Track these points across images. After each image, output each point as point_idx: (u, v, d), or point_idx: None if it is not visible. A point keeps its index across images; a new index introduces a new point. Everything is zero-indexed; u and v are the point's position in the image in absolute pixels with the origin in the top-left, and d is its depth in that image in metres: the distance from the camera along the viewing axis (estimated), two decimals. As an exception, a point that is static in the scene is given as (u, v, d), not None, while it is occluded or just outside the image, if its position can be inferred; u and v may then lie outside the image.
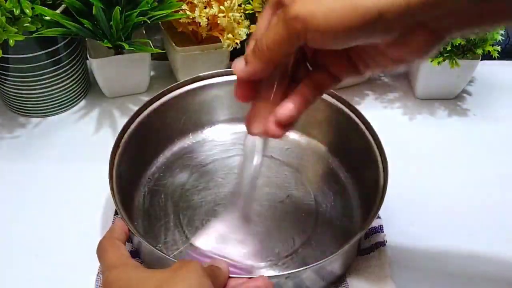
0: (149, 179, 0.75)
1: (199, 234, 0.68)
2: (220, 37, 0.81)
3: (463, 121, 0.88)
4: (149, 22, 0.77)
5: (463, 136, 0.86)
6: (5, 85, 0.82)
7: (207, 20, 0.79)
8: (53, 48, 0.79)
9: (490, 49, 0.81)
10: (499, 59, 0.83)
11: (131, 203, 0.71)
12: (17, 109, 0.85)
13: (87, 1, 0.74)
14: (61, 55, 0.80)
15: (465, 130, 0.87)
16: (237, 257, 0.65)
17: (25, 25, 0.72)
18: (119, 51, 0.83)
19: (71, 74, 0.83)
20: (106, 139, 0.81)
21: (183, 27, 0.83)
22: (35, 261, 0.67)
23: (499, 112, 0.90)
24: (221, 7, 0.79)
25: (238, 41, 0.81)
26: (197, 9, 0.79)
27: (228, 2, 0.78)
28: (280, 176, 0.76)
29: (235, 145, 0.80)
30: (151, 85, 0.90)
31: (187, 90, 0.77)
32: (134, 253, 0.67)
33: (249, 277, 0.56)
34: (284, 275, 0.59)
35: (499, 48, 0.82)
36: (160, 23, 0.86)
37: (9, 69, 0.79)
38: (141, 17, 0.77)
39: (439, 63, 0.81)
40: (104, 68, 0.84)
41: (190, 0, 0.79)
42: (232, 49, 0.82)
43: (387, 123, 0.85)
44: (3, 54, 0.73)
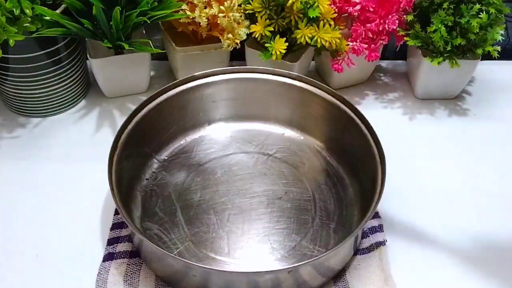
0: (147, 179, 0.75)
1: (199, 232, 0.69)
2: (220, 37, 0.81)
3: (463, 121, 0.88)
4: (149, 22, 0.77)
5: (463, 136, 0.86)
6: (5, 85, 0.82)
7: (207, 20, 0.79)
8: (53, 48, 0.79)
9: (490, 49, 0.81)
10: (499, 59, 0.83)
11: (131, 203, 0.71)
12: (17, 109, 0.85)
13: (87, 1, 0.74)
14: (61, 55, 0.80)
15: (465, 130, 0.87)
16: (236, 254, 0.66)
17: (25, 25, 0.72)
18: (119, 51, 0.83)
19: (71, 74, 0.83)
20: (106, 139, 0.81)
21: (183, 27, 0.83)
22: (35, 261, 0.67)
23: (499, 112, 0.90)
24: (221, 7, 0.79)
25: (238, 41, 0.81)
26: (197, 9, 0.79)
27: (228, 2, 0.78)
28: (278, 173, 0.77)
29: (233, 143, 0.81)
30: (151, 85, 0.90)
31: (183, 89, 0.77)
32: (134, 253, 0.67)
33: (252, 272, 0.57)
34: (283, 270, 0.60)
35: (499, 48, 0.82)
36: (160, 23, 0.86)
37: (9, 69, 0.79)
38: (141, 17, 0.77)
39: (439, 63, 0.81)
40: (104, 68, 0.84)
41: (190, 0, 0.79)
42: (232, 49, 0.82)
43: (387, 123, 0.85)
44: (3, 54, 0.73)
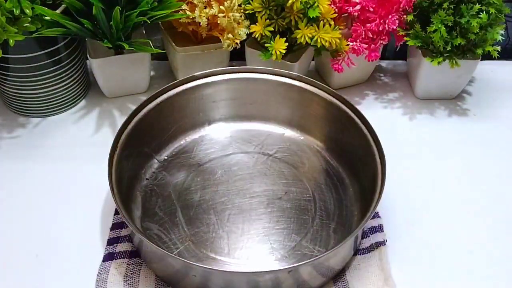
0: (147, 179, 0.75)
1: (199, 232, 0.69)
2: (220, 37, 0.81)
3: (463, 121, 0.88)
4: (149, 22, 0.77)
5: (463, 136, 0.86)
6: (5, 85, 0.82)
7: (207, 20, 0.79)
8: (53, 48, 0.79)
9: (490, 49, 0.81)
10: (499, 59, 0.83)
11: (131, 203, 0.71)
12: (17, 109, 0.85)
13: (87, 1, 0.74)
14: (61, 55, 0.80)
15: (465, 130, 0.87)
16: (236, 254, 0.66)
17: (25, 25, 0.72)
18: (119, 51, 0.83)
19: (71, 74, 0.83)
20: (106, 139, 0.81)
21: (183, 27, 0.83)
22: (35, 261, 0.67)
23: (499, 112, 0.90)
24: (221, 7, 0.78)
25: (238, 41, 0.81)
26: (197, 9, 0.79)
27: (228, 2, 0.78)
28: (278, 173, 0.77)
29: (233, 143, 0.81)
30: (151, 85, 0.90)
31: (183, 89, 0.77)
32: (134, 253, 0.67)
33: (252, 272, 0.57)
34: (283, 270, 0.60)
35: (499, 48, 0.82)
36: (160, 23, 0.86)
37: (9, 69, 0.79)
38: (141, 17, 0.77)
39: (439, 63, 0.81)
40: (104, 68, 0.84)
41: (190, 0, 0.79)
42: (232, 49, 0.82)
43: (387, 123, 0.85)
44: (3, 54, 0.73)
